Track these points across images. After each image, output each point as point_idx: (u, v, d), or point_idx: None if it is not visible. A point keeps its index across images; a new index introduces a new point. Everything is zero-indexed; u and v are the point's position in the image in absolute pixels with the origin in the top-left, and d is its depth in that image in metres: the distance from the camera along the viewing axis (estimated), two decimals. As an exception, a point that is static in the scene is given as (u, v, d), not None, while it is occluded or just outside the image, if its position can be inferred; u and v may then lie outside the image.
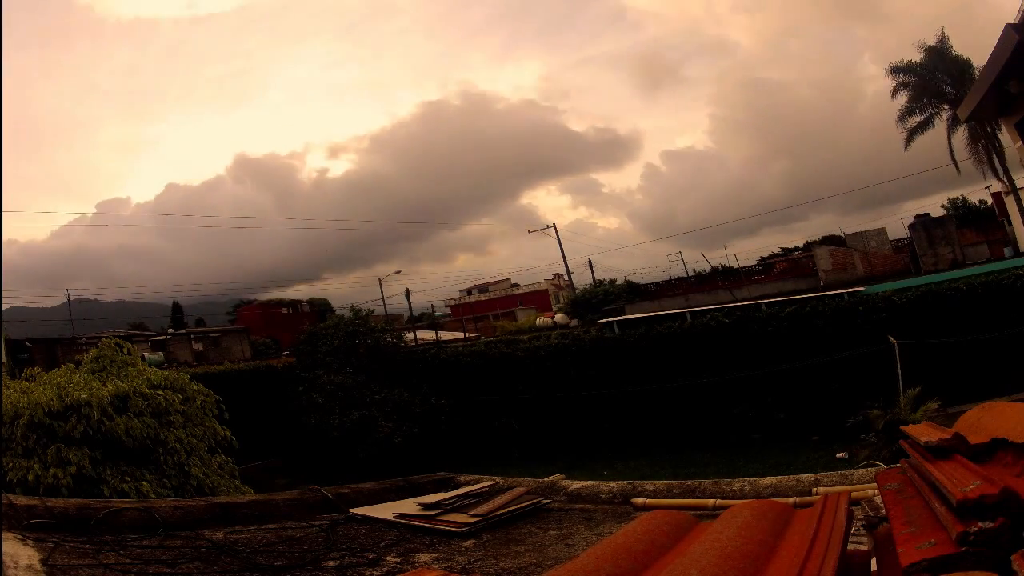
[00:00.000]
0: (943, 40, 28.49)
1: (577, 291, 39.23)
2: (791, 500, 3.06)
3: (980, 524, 1.01)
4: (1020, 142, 7.27)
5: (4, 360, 16.94)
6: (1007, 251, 26.73)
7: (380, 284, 45.54)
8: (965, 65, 27.20)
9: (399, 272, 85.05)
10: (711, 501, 3.48)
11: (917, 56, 29.08)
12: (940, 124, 29.27)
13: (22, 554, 2.48)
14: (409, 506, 3.85)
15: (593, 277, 41.61)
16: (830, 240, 34.78)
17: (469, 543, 3.21)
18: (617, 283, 37.46)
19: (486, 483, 4.46)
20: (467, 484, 4.56)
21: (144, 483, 5.17)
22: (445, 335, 35.72)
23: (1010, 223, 27.89)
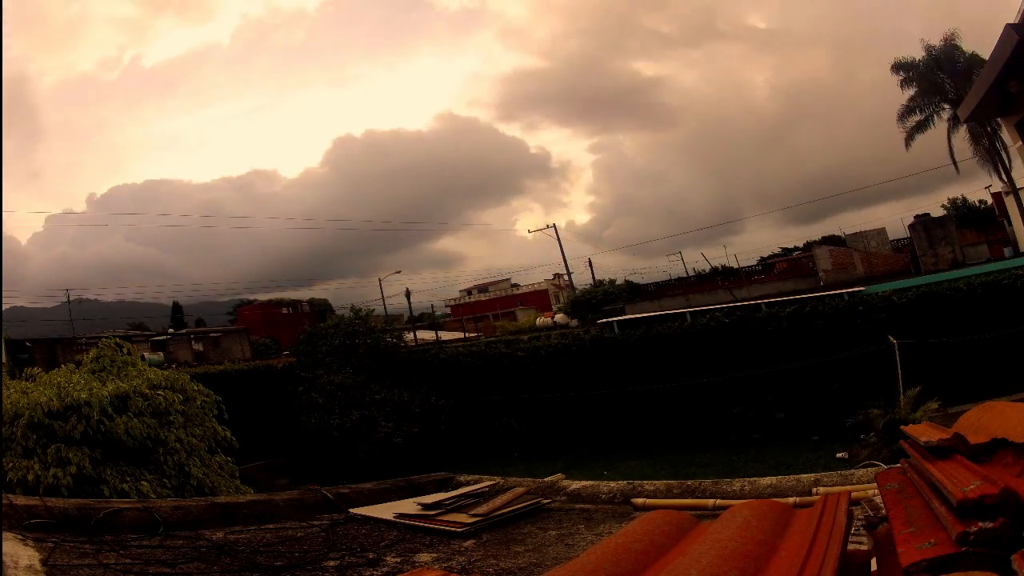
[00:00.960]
0: (948, 39, 28.49)
1: (577, 291, 39.23)
2: (791, 500, 3.06)
3: (980, 524, 1.01)
4: (1020, 142, 7.27)
5: (4, 360, 16.94)
6: (1007, 251, 26.72)
7: (380, 284, 45.55)
8: (973, 63, 27.12)
9: (399, 272, 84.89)
10: (711, 501, 3.48)
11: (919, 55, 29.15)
12: (941, 123, 29.34)
13: (22, 554, 2.48)
14: (409, 506, 3.85)
15: (593, 277, 41.63)
16: (830, 240, 34.81)
17: (469, 543, 3.21)
18: (617, 283, 37.47)
19: (486, 483, 4.46)
20: (467, 484, 4.56)
21: (144, 483, 5.17)
22: (445, 335, 35.71)
23: (1010, 223, 27.89)
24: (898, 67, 29.72)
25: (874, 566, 1.46)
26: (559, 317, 36.83)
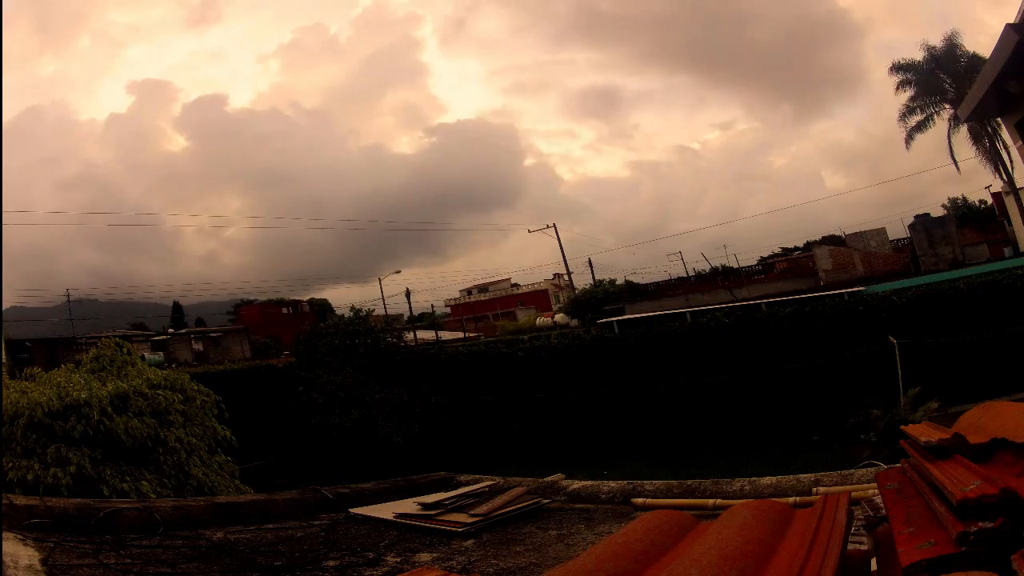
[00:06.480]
0: (948, 40, 28.48)
1: (577, 291, 39.21)
2: (791, 500, 3.06)
3: (980, 524, 1.01)
4: (1020, 142, 7.28)
5: (4, 360, 16.95)
6: (1007, 251, 26.73)
7: (380, 284, 45.55)
8: (973, 63, 27.12)
9: (399, 272, 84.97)
10: (711, 501, 3.48)
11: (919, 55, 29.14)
12: (941, 123, 29.34)
13: (22, 554, 2.48)
14: (409, 506, 3.85)
15: (593, 277, 41.65)
16: (830, 240, 34.82)
17: (469, 543, 3.21)
18: (617, 283, 37.45)
19: (486, 483, 4.46)
20: (467, 484, 4.56)
21: (144, 483, 5.17)
22: (445, 335, 35.72)
23: (1010, 223, 27.90)
24: (897, 68, 29.71)
25: (874, 566, 1.46)
26: (559, 317, 36.81)
